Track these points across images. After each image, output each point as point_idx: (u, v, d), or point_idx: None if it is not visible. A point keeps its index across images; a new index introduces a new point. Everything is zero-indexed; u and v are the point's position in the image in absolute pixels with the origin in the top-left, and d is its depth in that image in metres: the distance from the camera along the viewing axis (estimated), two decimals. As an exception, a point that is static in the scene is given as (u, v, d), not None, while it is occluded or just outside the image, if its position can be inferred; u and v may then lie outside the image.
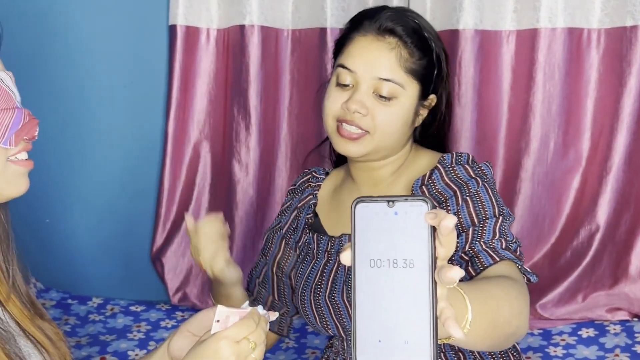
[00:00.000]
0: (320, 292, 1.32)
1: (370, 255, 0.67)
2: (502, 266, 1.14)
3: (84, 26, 2.29)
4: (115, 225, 2.38)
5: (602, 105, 2.02)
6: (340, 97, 1.27)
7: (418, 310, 0.66)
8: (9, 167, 0.97)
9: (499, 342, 1.00)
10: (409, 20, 1.28)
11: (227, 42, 2.21)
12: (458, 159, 1.28)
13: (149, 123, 2.31)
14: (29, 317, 1.04)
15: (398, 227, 0.67)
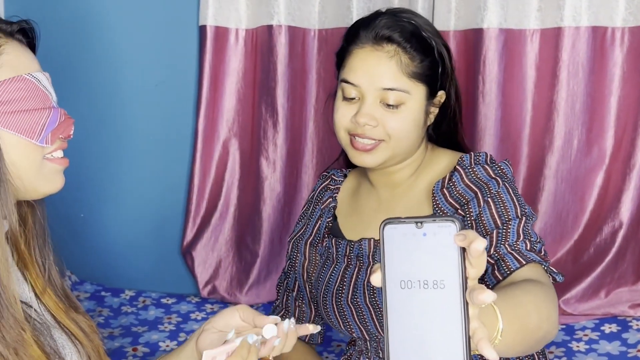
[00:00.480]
0: (342, 296, 1.31)
1: (400, 277, 0.67)
2: (529, 269, 1.13)
3: (117, 28, 2.31)
4: (147, 220, 2.40)
5: (625, 103, 2.00)
6: (348, 110, 1.25)
7: (450, 330, 0.65)
8: (45, 164, 0.98)
9: (529, 347, 0.99)
10: (404, 23, 1.24)
11: (256, 41, 2.21)
12: (476, 158, 1.26)
13: (179, 121, 2.33)
14: (64, 310, 1.05)
15: (427, 248, 0.66)
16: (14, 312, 0.92)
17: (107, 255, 2.40)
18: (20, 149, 0.95)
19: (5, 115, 0.93)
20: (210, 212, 2.29)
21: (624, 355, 1.81)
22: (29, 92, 0.96)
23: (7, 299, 0.92)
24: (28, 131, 0.95)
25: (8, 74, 0.94)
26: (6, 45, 0.95)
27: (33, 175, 0.97)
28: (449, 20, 2.02)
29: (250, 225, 2.29)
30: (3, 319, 0.90)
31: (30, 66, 0.98)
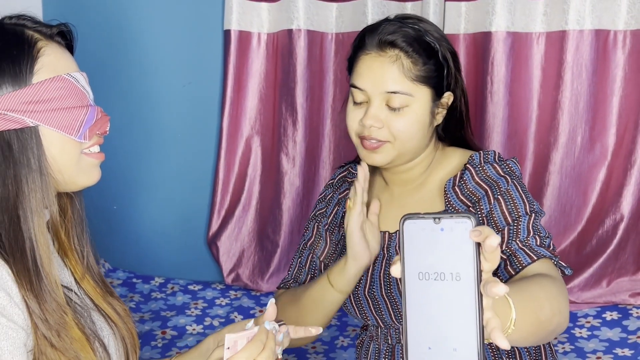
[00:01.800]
0: (359, 287, 1.30)
1: (418, 269, 0.67)
2: (540, 264, 1.12)
3: (148, 32, 2.33)
4: (175, 212, 2.42)
5: (627, 102, 1.99)
6: (357, 114, 1.24)
7: (465, 319, 0.66)
8: (83, 159, 0.99)
9: (541, 338, 0.98)
10: (408, 29, 1.23)
11: (277, 45, 2.22)
12: (485, 157, 1.25)
13: (205, 119, 2.34)
14: (101, 294, 1.06)
15: (444, 243, 0.67)
16: (56, 296, 0.93)
17: (138, 244, 2.42)
18: (59, 144, 0.95)
19: (46, 112, 0.94)
20: (234, 205, 2.31)
21: (624, 341, 1.81)
22: (68, 91, 0.96)
23: (50, 284, 0.93)
24: (67, 127, 0.95)
25: (48, 74, 0.95)
26: (46, 48, 0.96)
27: (72, 169, 0.97)
28: (459, 24, 2.02)
29: (271, 217, 2.30)
30: (46, 302, 0.92)
31: (69, 67, 0.98)
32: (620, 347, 1.79)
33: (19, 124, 0.92)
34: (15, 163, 0.92)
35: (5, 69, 0.92)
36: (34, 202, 0.93)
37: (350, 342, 1.93)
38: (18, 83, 0.93)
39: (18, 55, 0.93)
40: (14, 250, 0.91)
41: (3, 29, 0.96)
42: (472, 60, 2.05)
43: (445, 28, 2.03)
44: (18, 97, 0.92)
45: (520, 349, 1.26)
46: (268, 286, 2.26)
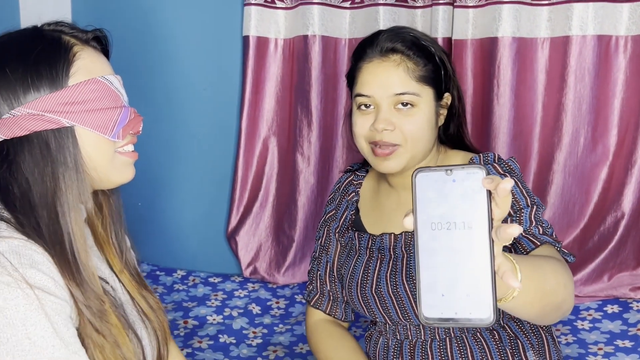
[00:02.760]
0: (367, 286, 1.30)
1: (431, 219, 0.67)
2: (543, 249, 1.13)
3: (172, 39, 2.34)
4: (196, 209, 2.43)
5: (628, 104, 1.99)
6: (365, 121, 1.24)
7: (477, 266, 0.65)
8: (117, 157, 1.01)
9: (547, 311, 0.97)
10: (405, 35, 1.24)
11: (293, 50, 2.23)
12: (485, 158, 1.25)
13: (225, 121, 2.35)
14: (136, 288, 1.08)
15: (456, 193, 0.66)
16: (94, 286, 0.96)
17: (161, 239, 2.44)
18: (94, 143, 0.97)
19: (82, 113, 0.95)
20: (252, 202, 2.32)
21: (624, 334, 1.81)
22: (102, 92, 0.98)
23: (88, 275, 0.95)
24: (101, 127, 0.97)
25: (83, 76, 0.97)
26: (82, 52, 0.98)
27: (106, 167, 0.99)
28: (467, 30, 2.02)
29: (287, 214, 2.31)
30: (87, 292, 0.94)
31: (104, 70, 1.00)
32: (621, 339, 1.79)
33: (56, 124, 0.94)
34: (53, 161, 0.94)
35: (43, 72, 0.94)
36: (71, 198, 0.95)
37: (362, 332, 1.94)
38: (55, 85, 0.95)
39: (55, 59, 0.95)
40: (54, 243, 0.93)
41: (42, 35, 0.98)
42: (479, 64, 2.06)
43: (453, 33, 2.04)
44: (55, 98, 0.94)
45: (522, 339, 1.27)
46: (284, 279, 2.27)
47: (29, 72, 0.94)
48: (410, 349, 1.30)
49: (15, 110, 0.93)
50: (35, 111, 0.93)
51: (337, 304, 1.44)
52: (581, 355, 1.75)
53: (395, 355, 1.32)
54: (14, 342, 0.85)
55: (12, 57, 0.95)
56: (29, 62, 0.94)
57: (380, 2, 2.09)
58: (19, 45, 0.96)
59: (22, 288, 0.86)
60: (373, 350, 1.39)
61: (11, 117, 0.93)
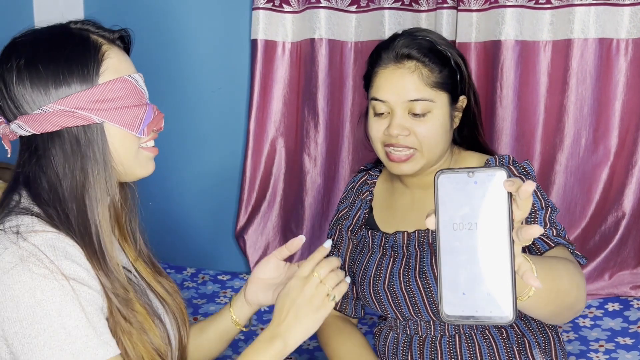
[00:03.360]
0: (379, 282, 1.30)
1: (453, 220, 0.67)
2: (557, 250, 1.13)
3: (182, 42, 2.35)
4: (206, 208, 2.43)
5: (628, 106, 1.98)
6: (381, 125, 1.24)
7: (498, 265, 0.65)
8: (141, 152, 1.02)
9: (561, 310, 0.97)
10: (421, 40, 1.23)
11: (300, 53, 2.23)
12: (501, 160, 1.25)
13: (234, 122, 2.35)
14: (152, 274, 1.10)
15: (478, 194, 0.66)
16: (119, 276, 0.98)
17: (172, 237, 2.44)
18: (121, 139, 0.98)
19: (110, 110, 0.96)
20: (260, 201, 2.32)
21: (625, 331, 1.81)
22: (129, 91, 0.99)
23: (113, 265, 0.97)
24: (129, 124, 0.98)
25: (112, 75, 0.98)
26: (110, 51, 0.99)
27: (131, 161, 1.01)
28: (471, 33, 2.02)
29: (295, 213, 2.31)
30: (114, 281, 0.96)
31: (129, 68, 1.02)
32: (622, 336, 1.79)
33: (87, 120, 0.96)
34: (83, 156, 0.96)
35: (74, 70, 0.95)
36: (99, 191, 0.97)
37: (368, 329, 1.93)
38: (86, 83, 0.96)
39: (86, 58, 0.96)
40: (84, 235, 0.95)
41: (71, 33, 0.99)
42: (482, 67, 2.06)
43: (457, 37, 2.03)
44: (86, 96, 0.95)
45: (529, 337, 1.26)
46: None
47: (61, 70, 0.94)
48: (420, 344, 1.30)
49: (47, 107, 0.94)
50: (67, 108, 0.94)
51: (347, 301, 1.45)
52: (582, 352, 1.74)
53: (405, 350, 1.32)
54: (50, 333, 0.87)
55: (43, 54, 0.95)
56: (61, 59, 0.95)
57: (385, 6, 2.10)
58: (49, 43, 0.97)
59: (58, 280, 0.88)
60: (382, 345, 1.39)
61: (42, 113, 0.94)
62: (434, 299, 1.24)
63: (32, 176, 0.96)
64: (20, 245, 0.89)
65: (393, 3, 2.09)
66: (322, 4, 2.15)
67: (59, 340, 0.87)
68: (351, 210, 1.43)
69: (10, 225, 0.92)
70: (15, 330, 0.88)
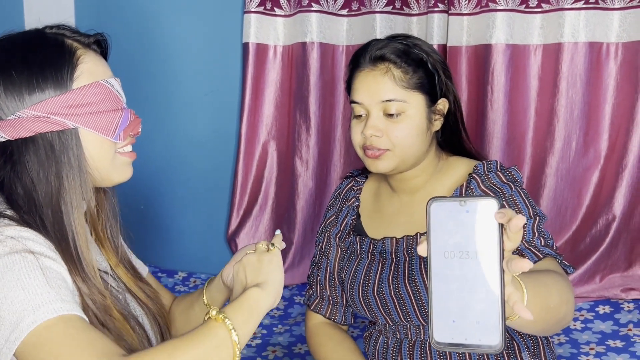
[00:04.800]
0: (368, 288, 1.31)
1: (444, 248, 0.67)
2: (545, 262, 1.13)
3: (174, 45, 2.34)
4: (197, 212, 2.43)
5: (618, 110, 1.98)
6: (359, 127, 1.26)
7: (488, 294, 0.66)
8: (117, 157, 1.01)
9: (550, 326, 0.98)
10: (396, 43, 1.25)
11: (291, 56, 2.23)
12: (489, 166, 1.25)
13: (225, 125, 2.35)
14: (133, 280, 1.09)
15: (469, 223, 0.67)
16: (95, 281, 0.97)
17: (163, 241, 2.43)
18: (97, 144, 0.98)
19: (85, 115, 0.96)
20: (252, 205, 2.32)
21: (615, 333, 1.81)
22: (105, 95, 0.98)
23: (90, 271, 0.96)
24: (104, 129, 0.97)
25: (87, 80, 0.97)
26: (85, 55, 0.98)
27: (107, 167, 1.00)
28: (462, 37, 2.02)
29: (286, 216, 2.31)
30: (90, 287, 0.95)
31: (105, 73, 1.00)
32: (612, 339, 1.78)
33: (61, 126, 0.95)
34: (57, 162, 0.95)
35: (48, 75, 0.94)
36: (74, 197, 0.96)
37: (360, 332, 1.93)
38: (60, 88, 0.95)
39: (60, 63, 0.96)
40: (60, 240, 0.94)
41: (45, 38, 0.98)
42: (473, 71, 2.05)
43: (448, 41, 2.03)
44: (60, 101, 0.95)
45: (517, 340, 1.26)
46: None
47: (35, 75, 0.94)
48: (410, 348, 1.29)
49: (21, 112, 0.93)
50: (40, 113, 0.93)
51: (337, 308, 1.44)
52: (573, 355, 1.74)
53: (394, 355, 1.32)
54: (11, 298, 0.84)
55: (17, 60, 0.95)
56: (35, 65, 0.94)
57: (377, 10, 2.09)
58: (23, 48, 0.96)
59: (23, 255, 0.87)
60: (372, 349, 1.38)
61: (16, 118, 0.93)
62: (424, 304, 1.24)
63: (7, 182, 0.95)
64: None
65: (384, 7, 2.09)
66: (314, 8, 2.15)
67: (19, 301, 0.84)
68: (338, 217, 1.43)
69: None
70: None
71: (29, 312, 0.84)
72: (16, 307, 0.84)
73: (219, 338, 0.87)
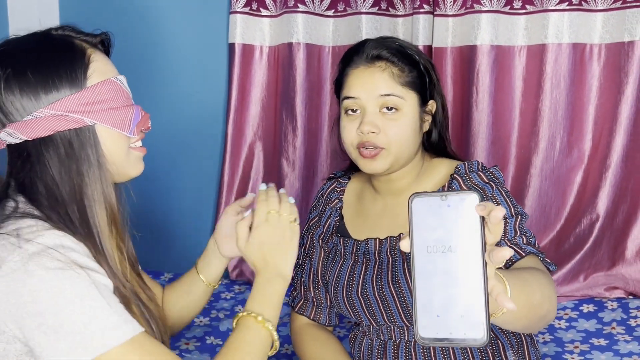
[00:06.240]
0: (352, 289, 1.30)
1: (427, 243, 0.67)
2: (528, 260, 1.14)
3: (159, 46, 2.33)
4: (183, 212, 2.41)
5: (602, 110, 2.00)
6: (353, 125, 1.25)
7: (471, 288, 0.66)
8: (131, 152, 1.05)
9: (533, 323, 0.99)
10: (390, 43, 1.27)
11: (277, 57, 2.22)
12: (470, 167, 1.26)
13: (211, 126, 2.34)
14: (136, 279, 1.11)
15: (451, 217, 0.67)
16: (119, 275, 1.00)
17: (148, 242, 2.37)
18: (112, 140, 1.01)
19: (101, 112, 0.98)
20: (238, 206, 2.31)
21: (599, 332, 1.82)
22: (116, 92, 1.01)
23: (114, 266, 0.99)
24: (119, 125, 1.00)
25: (99, 78, 1.00)
26: (94, 54, 1.01)
27: (122, 162, 1.03)
28: (447, 38, 2.02)
29: (273, 217, 2.29)
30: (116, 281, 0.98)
31: (113, 70, 1.04)
32: (596, 337, 1.80)
33: (79, 123, 0.97)
34: (77, 159, 0.97)
35: (63, 74, 0.97)
36: (96, 193, 0.98)
37: (346, 332, 1.93)
38: (75, 87, 0.98)
39: (73, 62, 0.98)
40: (88, 235, 0.97)
41: (55, 39, 1.01)
42: (458, 72, 2.06)
43: (433, 41, 2.04)
44: (76, 99, 0.97)
45: (502, 338, 1.27)
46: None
47: (50, 75, 0.96)
48: (394, 349, 1.29)
49: (38, 112, 0.95)
50: (59, 112, 0.95)
51: (321, 309, 1.44)
52: (558, 353, 1.75)
53: (379, 356, 1.32)
54: (74, 319, 0.87)
55: (31, 61, 0.96)
56: (49, 65, 0.96)
57: (363, 10, 2.09)
58: (36, 50, 0.98)
59: (74, 269, 0.89)
60: (357, 350, 1.38)
61: (33, 118, 0.95)
62: (407, 305, 1.24)
63: (28, 182, 0.97)
64: (24, 246, 0.89)
65: (370, 8, 2.09)
66: (300, 9, 2.15)
67: (84, 324, 0.88)
68: (321, 219, 1.43)
69: (10, 230, 0.92)
70: (37, 323, 0.87)
71: (98, 336, 0.88)
72: (81, 331, 0.88)
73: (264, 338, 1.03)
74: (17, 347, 0.90)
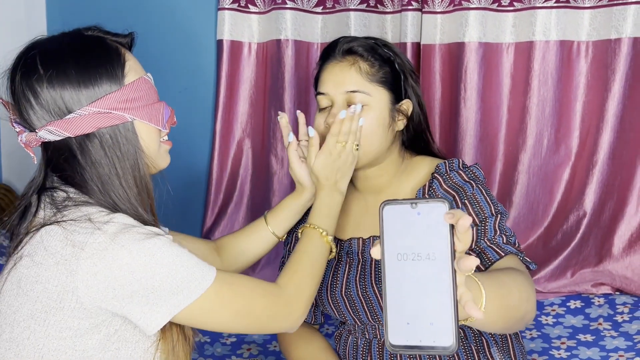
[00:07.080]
0: (336, 288, 1.30)
1: (397, 250, 0.67)
2: (507, 259, 1.14)
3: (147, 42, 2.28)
4: (172, 209, 2.37)
5: (589, 107, 2.00)
6: (322, 118, 1.28)
7: (441, 296, 0.66)
8: (161, 145, 1.10)
9: (511, 324, 0.98)
10: (365, 39, 1.28)
11: (266, 54, 2.22)
12: (451, 165, 1.26)
13: (200, 123, 2.33)
14: None
15: (421, 225, 0.67)
16: None
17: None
18: (148, 134, 1.05)
19: (139, 109, 1.02)
20: (227, 202, 2.30)
21: (586, 328, 1.83)
22: (149, 89, 1.05)
23: None
24: (155, 120, 1.05)
25: (134, 76, 1.04)
26: (126, 54, 1.06)
27: (155, 155, 1.08)
28: (435, 35, 2.02)
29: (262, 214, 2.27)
30: None
31: (142, 69, 1.08)
32: (583, 333, 1.81)
33: (120, 119, 1.01)
34: (121, 153, 1.02)
35: (103, 73, 1.01)
36: (139, 183, 1.05)
37: (334, 330, 1.93)
38: (115, 85, 1.02)
39: (111, 61, 1.02)
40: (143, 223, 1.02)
41: (90, 39, 1.04)
42: (446, 69, 2.06)
43: (422, 39, 2.03)
44: (117, 97, 1.01)
45: (486, 336, 1.27)
46: (259, 277, 2.25)
47: (91, 74, 1.00)
48: (379, 348, 1.29)
49: (81, 110, 0.99)
50: (102, 109, 0.99)
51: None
52: (545, 349, 1.76)
53: (365, 354, 1.31)
54: (172, 277, 0.96)
55: (73, 60, 0.99)
56: (90, 64, 1.00)
57: (351, 7, 2.08)
58: (75, 50, 1.02)
59: (157, 235, 0.97)
60: (343, 349, 1.38)
61: (77, 116, 0.98)
62: None
63: (79, 178, 1.01)
64: (102, 228, 0.94)
65: (358, 5, 2.09)
66: (288, 5, 2.14)
67: (182, 279, 0.96)
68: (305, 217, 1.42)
69: (77, 216, 0.96)
70: (134, 289, 0.94)
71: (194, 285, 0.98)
72: (180, 287, 0.97)
73: (323, 248, 1.21)
74: (111, 322, 0.97)
